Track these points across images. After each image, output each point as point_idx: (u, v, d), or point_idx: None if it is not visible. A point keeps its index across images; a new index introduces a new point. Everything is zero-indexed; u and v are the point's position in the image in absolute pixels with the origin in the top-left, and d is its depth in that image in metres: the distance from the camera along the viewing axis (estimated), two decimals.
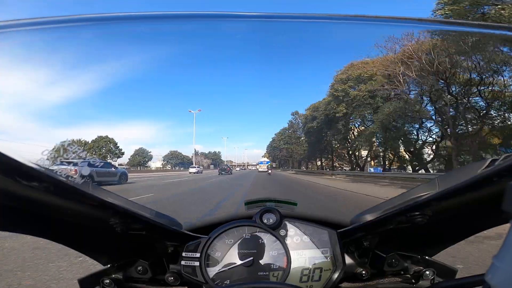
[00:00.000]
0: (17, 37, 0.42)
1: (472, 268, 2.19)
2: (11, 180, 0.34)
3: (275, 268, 0.61)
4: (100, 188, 0.51)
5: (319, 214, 0.75)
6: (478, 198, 0.42)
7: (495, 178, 0.35)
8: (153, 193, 7.13)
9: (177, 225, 0.65)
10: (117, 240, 0.59)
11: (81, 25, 0.44)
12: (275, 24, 0.56)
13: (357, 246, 0.66)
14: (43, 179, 0.35)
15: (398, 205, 0.58)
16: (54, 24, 0.43)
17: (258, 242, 0.63)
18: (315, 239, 0.64)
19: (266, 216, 0.65)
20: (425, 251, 0.65)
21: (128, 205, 0.53)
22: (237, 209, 4.69)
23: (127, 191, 7.43)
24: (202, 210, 4.88)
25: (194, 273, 0.60)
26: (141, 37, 0.57)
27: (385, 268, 0.66)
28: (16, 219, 0.45)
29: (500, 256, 0.28)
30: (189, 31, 0.59)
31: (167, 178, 15.73)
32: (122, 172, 12.91)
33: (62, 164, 0.41)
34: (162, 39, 0.62)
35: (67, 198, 0.41)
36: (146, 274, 0.63)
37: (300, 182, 13.45)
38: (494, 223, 0.51)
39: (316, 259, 0.62)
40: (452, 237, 0.63)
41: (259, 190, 8.69)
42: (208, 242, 0.62)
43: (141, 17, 0.47)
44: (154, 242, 0.61)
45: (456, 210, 0.49)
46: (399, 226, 0.54)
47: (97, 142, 23.77)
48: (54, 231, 0.53)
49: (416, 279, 0.64)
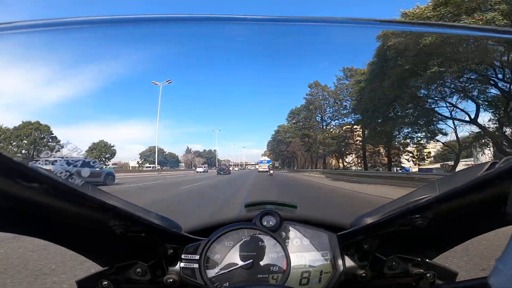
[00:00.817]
0: (15, 39, 0.43)
1: (473, 271, 2.18)
2: (9, 181, 0.33)
3: (274, 271, 0.61)
4: (100, 190, 0.51)
5: (319, 216, 0.75)
6: (479, 200, 0.42)
7: (496, 181, 0.35)
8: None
9: (176, 227, 0.64)
10: (116, 242, 0.59)
11: (83, 27, 0.45)
12: (275, 27, 0.56)
13: (357, 249, 0.66)
14: (42, 180, 0.34)
15: (398, 208, 0.58)
16: (52, 27, 0.43)
17: (257, 245, 0.63)
18: (315, 242, 0.64)
19: (266, 218, 0.65)
20: (426, 253, 0.65)
21: (127, 207, 0.53)
22: (237, 212, 4.68)
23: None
24: (201, 212, 4.87)
25: (193, 275, 0.60)
26: (143, 40, 0.57)
27: (385, 271, 0.66)
28: (13, 220, 0.45)
29: (503, 259, 0.28)
30: (189, 33, 0.60)
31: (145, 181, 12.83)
32: (108, 172, 11.97)
33: (37, 162, 0.40)
34: (163, 41, 0.63)
35: (66, 199, 0.40)
36: (145, 276, 0.63)
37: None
38: (495, 225, 0.51)
39: (316, 261, 0.62)
40: (453, 239, 0.63)
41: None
42: (207, 245, 0.62)
43: (143, 20, 0.47)
44: (154, 244, 0.61)
45: (457, 213, 0.49)
46: (400, 229, 0.54)
47: (20, 130, 20.06)
48: (52, 232, 0.53)
49: (417, 282, 0.63)
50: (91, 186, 0.47)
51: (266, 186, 11.24)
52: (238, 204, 5.64)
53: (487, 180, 0.36)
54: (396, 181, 13.44)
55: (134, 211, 0.53)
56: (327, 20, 0.54)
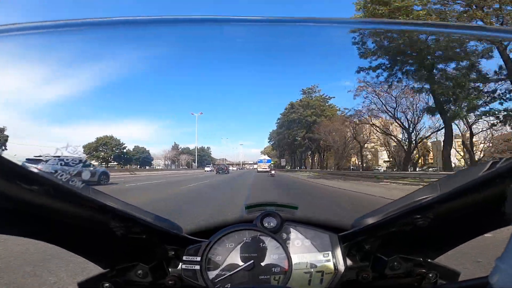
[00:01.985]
0: (15, 41, 0.43)
1: (475, 270, 2.17)
2: (10, 183, 0.34)
3: (276, 272, 0.61)
4: (100, 191, 0.51)
5: (320, 217, 0.75)
6: (480, 200, 0.41)
7: (497, 181, 0.35)
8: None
9: (177, 228, 0.64)
10: (117, 244, 0.59)
11: (82, 29, 0.45)
12: (274, 28, 0.56)
13: (358, 250, 0.66)
14: (43, 182, 0.34)
15: (399, 208, 0.57)
16: (51, 29, 0.43)
17: (259, 246, 0.63)
18: (316, 243, 0.64)
19: (267, 219, 0.65)
20: (428, 254, 0.65)
21: (128, 209, 0.53)
22: (237, 213, 4.67)
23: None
24: (202, 214, 4.87)
25: (194, 277, 0.60)
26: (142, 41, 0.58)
27: (387, 272, 0.65)
28: (14, 221, 0.45)
29: (504, 258, 0.28)
30: (186, 35, 0.60)
31: None
32: (102, 172, 11.54)
33: (28, 161, 0.39)
34: (162, 42, 0.63)
35: (67, 201, 0.41)
36: (146, 278, 0.63)
37: None
38: (496, 225, 0.50)
39: (318, 262, 0.62)
40: (455, 239, 0.63)
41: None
42: (208, 246, 0.62)
43: (141, 22, 0.47)
44: (155, 246, 0.61)
45: (458, 213, 0.49)
46: (401, 229, 0.54)
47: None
48: (53, 234, 0.53)
49: (419, 282, 0.63)
50: (92, 188, 0.47)
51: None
52: (238, 205, 5.63)
53: (488, 180, 0.36)
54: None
55: (135, 212, 0.53)
56: (326, 21, 0.54)
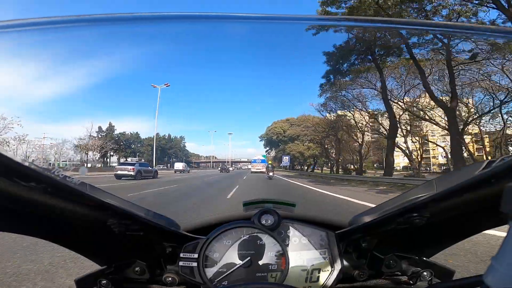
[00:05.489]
0: (7, 37, 0.42)
1: (469, 269, 2.20)
2: (8, 181, 0.33)
3: (273, 269, 0.61)
4: (98, 188, 0.51)
5: (317, 215, 0.75)
6: (476, 199, 0.42)
7: (493, 180, 0.35)
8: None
9: (175, 226, 0.64)
10: (115, 241, 0.59)
11: (77, 25, 0.44)
12: (273, 25, 0.56)
13: (355, 247, 0.66)
14: (41, 179, 0.34)
15: (396, 207, 0.58)
16: (46, 25, 0.42)
17: (256, 243, 0.63)
18: (314, 240, 0.64)
19: (265, 217, 0.65)
20: (423, 252, 0.65)
21: (126, 206, 0.53)
22: (235, 210, 4.67)
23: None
24: (200, 211, 4.86)
25: (192, 274, 0.60)
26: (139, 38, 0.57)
27: (383, 269, 0.66)
28: (12, 219, 0.44)
29: (499, 257, 0.28)
30: (185, 32, 0.59)
31: None
32: (155, 170, 17.79)
33: (123, 164, 0.42)
34: (158, 39, 0.62)
35: (64, 198, 0.40)
36: (144, 275, 0.63)
37: None
38: (492, 224, 0.51)
39: (314, 260, 0.62)
40: (450, 238, 0.64)
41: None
42: (206, 243, 0.62)
43: (138, 18, 0.47)
44: (152, 243, 0.61)
45: (454, 212, 0.49)
46: (397, 227, 0.54)
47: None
48: (51, 231, 0.53)
49: (414, 280, 0.64)
50: (89, 184, 0.47)
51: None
52: (235, 203, 5.63)
53: (484, 179, 0.36)
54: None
55: (133, 209, 0.53)
56: (325, 19, 0.54)
